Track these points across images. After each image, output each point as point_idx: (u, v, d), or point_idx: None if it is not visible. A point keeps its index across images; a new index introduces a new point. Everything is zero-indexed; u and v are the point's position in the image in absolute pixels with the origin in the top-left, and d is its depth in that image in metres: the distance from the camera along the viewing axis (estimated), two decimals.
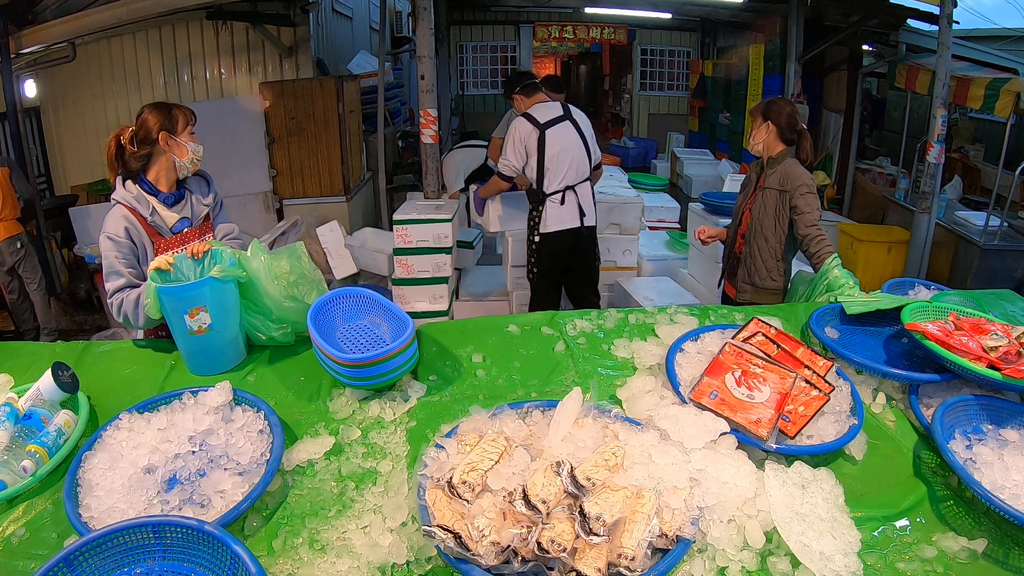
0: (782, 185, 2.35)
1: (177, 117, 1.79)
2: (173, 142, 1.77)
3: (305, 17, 5.70)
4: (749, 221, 2.48)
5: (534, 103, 3.21)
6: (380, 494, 1.17)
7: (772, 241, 2.41)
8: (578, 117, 3.23)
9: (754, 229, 2.45)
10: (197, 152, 1.83)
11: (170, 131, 1.76)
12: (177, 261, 1.62)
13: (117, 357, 1.65)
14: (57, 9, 4.31)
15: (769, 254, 2.42)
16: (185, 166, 1.82)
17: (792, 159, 2.40)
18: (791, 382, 1.31)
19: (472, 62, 10.30)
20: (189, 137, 1.80)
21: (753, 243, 2.45)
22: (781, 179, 2.36)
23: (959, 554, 1.09)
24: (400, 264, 3.76)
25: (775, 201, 2.37)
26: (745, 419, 1.24)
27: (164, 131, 1.76)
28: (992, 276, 4.47)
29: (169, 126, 1.76)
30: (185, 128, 1.79)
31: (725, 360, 1.38)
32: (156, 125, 1.75)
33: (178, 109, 1.81)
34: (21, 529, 1.14)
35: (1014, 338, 1.40)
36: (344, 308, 1.66)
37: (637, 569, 0.94)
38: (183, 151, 1.79)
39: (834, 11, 6.46)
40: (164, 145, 1.76)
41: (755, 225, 2.44)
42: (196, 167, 1.86)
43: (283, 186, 5.52)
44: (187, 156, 1.80)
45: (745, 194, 2.58)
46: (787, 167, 2.37)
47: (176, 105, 1.82)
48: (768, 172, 2.43)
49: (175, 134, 1.77)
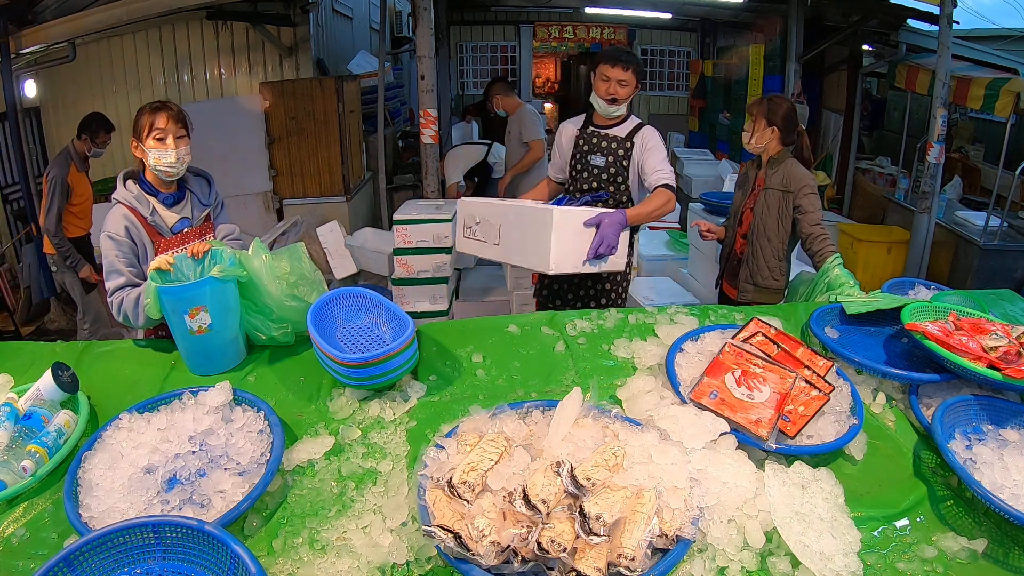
0: (785, 186, 2.35)
1: (142, 124, 1.73)
2: (140, 148, 1.75)
3: (305, 17, 5.70)
4: (751, 221, 2.48)
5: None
6: (380, 494, 1.17)
7: (775, 241, 2.41)
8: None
9: (756, 229, 2.44)
10: (160, 159, 1.72)
11: (137, 137, 1.74)
12: (177, 261, 1.62)
13: (117, 357, 1.65)
14: (57, 9, 4.30)
15: (772, 254, 2.42)
16: (156, 171, 1.75)
17: (792, 159, 2.40)
18: (791, 382, 1.31)
19: (472, 62, 10.29)
20: (154, 143, 1.72)
21: (756, 243, 2.45)
22: (784, 179, 2.36)
23: (959, 554, 1.09)
24: (400, 264, 3.76)
25: (778, 201, 2.37)
26: (745, 419, 1.24)
27: (133, 137, 1.75)
28: (992, 276, 4.48)
29: (136, 131, 1.74)
30: (150, 134, 1.72)
31: (725, 360, 1.38)
32: (132, 130, 1.75)
33: (148, 115, 1.73)
34: (21, 529, 1.13)
35: (1014, 338, 1.40)
36: (344, 308, 1.66)
37: (637, 569, 0.94)
38: (147, 157, 1.74)
39: (834, 11, 6.45)
40: (135, 151, 1.76)
41: (757, 225, 2.44)
42: (171, 173, 1.76)
43: (283, 186, 5.52)
44: (150, 163, 1.74)
45: (743, 193, 2.56)
46: (789, 167, 2.37)
47: (154, 108, 1.74)
48: (769, 172, 2.42)
49: (140, 140, 1.74)
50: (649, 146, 2.41)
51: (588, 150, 2.47)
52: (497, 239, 2.12)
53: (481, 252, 2.20)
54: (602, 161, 2.44)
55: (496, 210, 2.15)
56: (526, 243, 2.01)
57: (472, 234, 2.22)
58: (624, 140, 2.43)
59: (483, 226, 2.17)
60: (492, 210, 2.15)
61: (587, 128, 2.50)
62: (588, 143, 2.48)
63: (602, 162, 2.44)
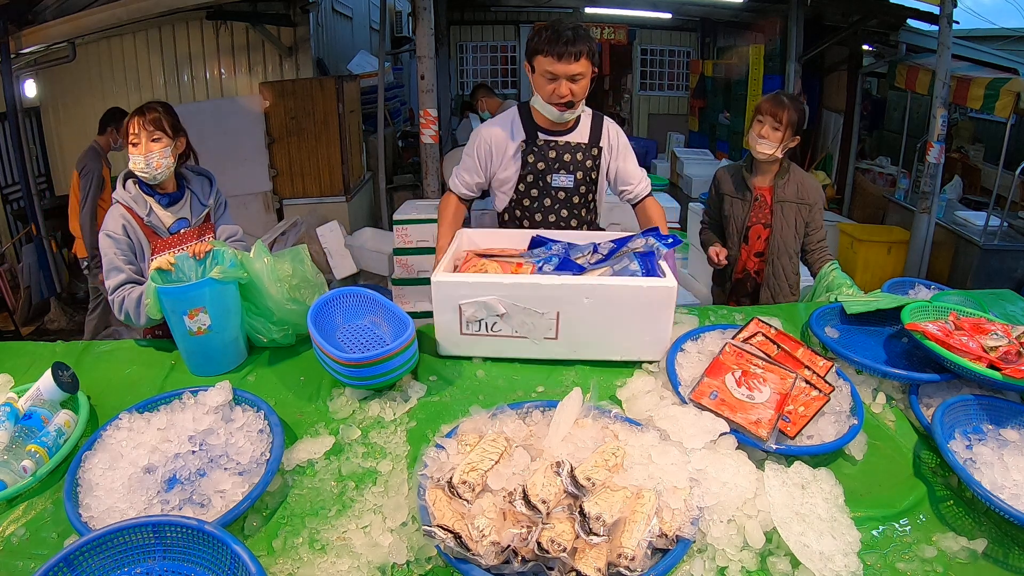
0: (801, 198, 2.20)
1: (123, 128, 1.73)
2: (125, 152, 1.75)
3: (305, 17, 5.71)
4: (768, 239, 2.26)
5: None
6: (380, 494, 1.17)
7: (794, 257, 2.28)
8: None
9: (777, 248, 2.25)
10: (135, 163, 1.71)
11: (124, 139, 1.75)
12: (179, 261, 1.63)
13: (117, 357, 1.65)
14: (57, 9, 4.31)
15: (792, 270, 2.28)
16: (137, 175, 1.74)
17: (795, 165, 2.27)
18: (791, 382, 1.31)
19: (472, 62, 10.30)
20: (131, 148, 1.71)
21: (777, 263, 2.26)
22: (799, 191, 2.21)
23: (959, 554, 1.09)
24: (400, 264, 3.76)
25: (795, 215, 2.22)
26: (745, 419, 1.24)
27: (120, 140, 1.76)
28: (992, 276, 4.48)
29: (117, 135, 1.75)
30: (128, 139, 1.71)
31: (725, 360, 1.38)
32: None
33: (127, 119, 1.72)
34: (21, 529, 1.13)
35: (1014, 338, 1.40)
36: (344, 308, 1.66)
37: (637, 569, 0.94)
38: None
39: (834, 11, 6.46)
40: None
41: (777, 244, 2.24)
42: (147, 176, 1.73)
43: (283, 186, 5.53)
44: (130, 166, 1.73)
45: (744, 207, 2.27)
46: (801, 177, 2.24)
47: (134, 112, 1.73)
48: (779, 182, 2.22)
49: (124, 144, 1.74)
50: (621, 149, 1.99)
51: (545, 168, 1.92)
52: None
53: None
54: (570, 181, 1.93)
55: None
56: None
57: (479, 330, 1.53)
58: (588, 147, 1.94)
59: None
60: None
61: (535, 138, 1.92)
62: (542, 158, 1.92)
63: (570, 182, 1.93)
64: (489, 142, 1.96)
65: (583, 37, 1.75)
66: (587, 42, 1.76)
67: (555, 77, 1.77)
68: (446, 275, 1.49)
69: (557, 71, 1.76)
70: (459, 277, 1.49)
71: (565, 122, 1.91)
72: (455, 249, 1.70)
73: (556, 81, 1.78)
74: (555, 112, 1.84)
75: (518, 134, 1.94)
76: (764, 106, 2.15)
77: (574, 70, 1.76)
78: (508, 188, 1.99)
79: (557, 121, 1.90)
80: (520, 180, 1.95)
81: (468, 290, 1.47)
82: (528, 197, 1.96)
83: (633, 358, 1.51)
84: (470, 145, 2.01)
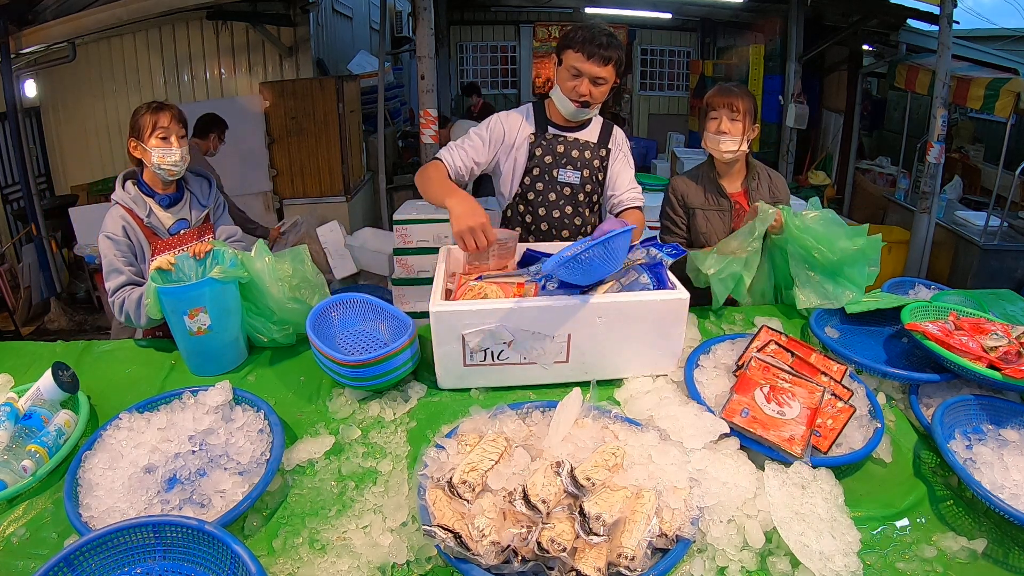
0: (774, 196, 2.05)
1: (142, 123, 1.73)
2: (141, 148, 1.74)
3: (305, 17, 5.71)
4: None
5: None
6: (380, 494, 1.17)
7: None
8: None
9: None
10: (165, 157, 1.72)
11: (137, 137, 1.74)
12: (179, 261, 1.63)
13: (117, 357, 1.65)
14: (57, 9, 4.31)
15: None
16: (159, 171, 1.75)
17: (755, 160, 2.12)
18: (819, 396, 1.29)
19: (472, 62, 10.29)
20: (158, 142, 1.72)
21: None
22: (771, 189, 2.07)
23: (959, 554, 1.09)
24: (400, 264, 3.76)
25: None
26: (779, 437, 1.21)
27: (132, 137, 1.75)
28: (992, 276, 4.47)
29: (135, 132, 1.74)
30: (153, 133, 1.72)
31: (753, 376, 1.35)
32: (129, 130, 1.75)
33: (150, 114, 1.73)
34: (21, 529, 1.13)
35: (1014, 338, 1.40)
36: (342, 313, 1.65)
37: (637, 569, 0.94)
38: (149, 156, 1.73)
39: (834, 11, 6.45)
40: (135, 151, 1.75)
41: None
42: (174, 172, 1.76)
43: (283, 186, 5.53)
44: (153, 162, 1.73)
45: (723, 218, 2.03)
46: (768, 172, 2.11)
47: (156, 107, 1.74)
48: (751, 184, 2.06)
49: (141, 139, 1.73)
50: (624, 155, 2.01)
51: (553, 162, 1.94)
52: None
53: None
54: (576, 177, 1.95)
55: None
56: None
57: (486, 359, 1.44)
58: (598, 147, 1.97)
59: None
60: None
61: (545, 131, 1.95)
62: (551, 152, 1.93)
63: (576, 178, 1.95)
64: (504, 125, 1.98)
65: (616, 45, 1.82)
66: (618, 50, 1.82)
67: (579, 74, 1.82)
68: (446, 304, 1.39)
69: (583, 69, 1.81)
70: (461, 305, 1.39)
71: (578, 120, 1.95)
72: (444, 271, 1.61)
73: (579, 78, 1.82)
74: (571, 107, 1.87)
75: (530, 126, 1.97)
76: (714, 100, 1.97)
77: (599, 73, 1.81)
78: (514, 181, 1.99)
79: (570, 117, 1.93)
80: (526, 173, 1.97)
81: (472, 319, 1.36)
82: (533, 191, 1.97)
83: (646, 373, 1.48)
84: (483, 124, 1.99)
